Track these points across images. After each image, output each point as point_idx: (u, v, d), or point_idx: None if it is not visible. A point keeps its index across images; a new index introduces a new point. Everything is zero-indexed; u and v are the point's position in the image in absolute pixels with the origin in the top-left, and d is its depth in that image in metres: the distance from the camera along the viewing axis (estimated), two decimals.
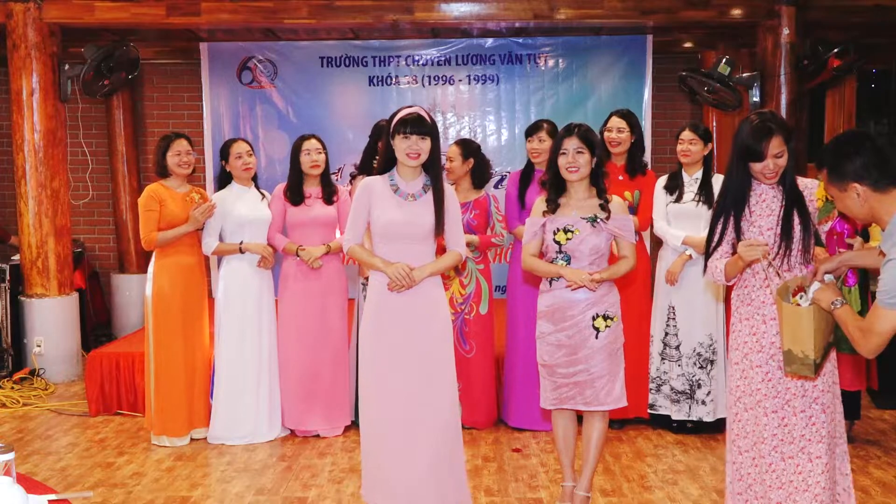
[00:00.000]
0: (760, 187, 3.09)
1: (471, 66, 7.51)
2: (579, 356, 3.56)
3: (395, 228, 3.46)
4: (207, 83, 7.54)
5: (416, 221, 3.46)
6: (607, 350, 3.57)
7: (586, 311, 3.55)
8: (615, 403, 3.62)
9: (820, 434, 3.01)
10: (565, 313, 3.57)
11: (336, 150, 6.63)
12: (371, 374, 3.52)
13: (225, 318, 4.83)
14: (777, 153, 3.02)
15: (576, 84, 7.45)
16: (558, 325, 3.59)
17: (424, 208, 3.48)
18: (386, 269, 3.43)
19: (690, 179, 4.84)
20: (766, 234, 3.06)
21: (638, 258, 4.82)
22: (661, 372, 4.89)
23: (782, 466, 3.03)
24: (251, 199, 4.87)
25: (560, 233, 3.56)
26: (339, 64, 7.49)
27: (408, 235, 3.46)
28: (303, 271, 4.85)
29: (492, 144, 7.55)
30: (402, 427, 3.43)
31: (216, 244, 4.81)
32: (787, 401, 3.04)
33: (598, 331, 3.55)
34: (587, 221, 3.56)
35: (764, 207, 3.09)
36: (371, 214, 3.50)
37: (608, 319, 3.56)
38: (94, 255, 8.28)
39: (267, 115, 7.57)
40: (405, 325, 3.47)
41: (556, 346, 3.60)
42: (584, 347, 3.55)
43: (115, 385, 5.45)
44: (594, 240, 3.55)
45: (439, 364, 3.50)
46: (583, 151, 3.54)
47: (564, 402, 3.64)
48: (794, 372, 2.88)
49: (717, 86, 6.37)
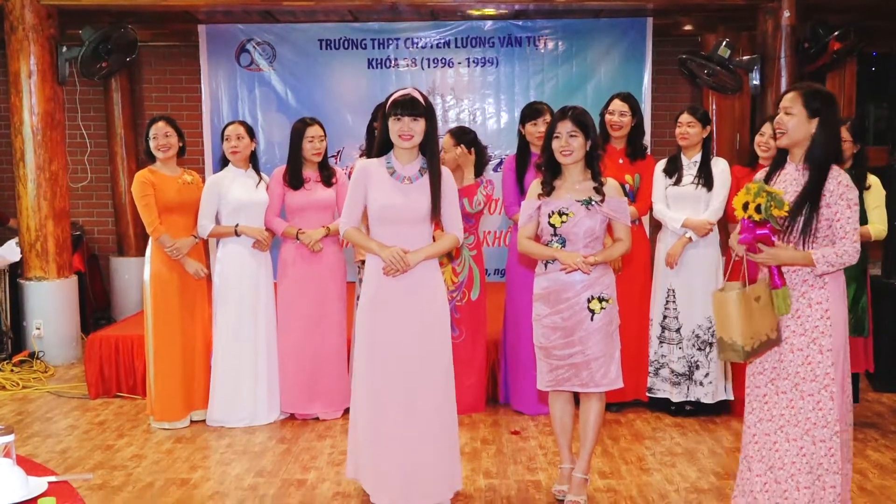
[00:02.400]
0: (790, 164, 3.22)
1: (470, 49, 7.48)
2: (575, 338, 3.57)
3: (391, 212, 3.47)
4: (206, 66, 7.49)
5: (412, 205, 3.47)
6: (603, 332, 3.57)
7: (581, 293, 3.56)
8: (611, 385, 3.62)
9: (826, 419, 3.08)
10: (560, 296, 3.58)
11: (335, 133, 6.60)
12: (365, 356, 3.54)
13: (222, 302, 4.82)
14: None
15: (575, 67, 7.41)
16: (554, 307, 3.59)
17: (421, 191, 3.49)
18: (381, 252, 3.44)
19: (689, 163, 4.83)
20: None
21: (637, 241, 4.87)
22: (660, 355, 4.90)
23: (786, 447, 3.14)
24: (247, 183, 4.85)
25: (555, 215, 3.56)
26: (338, 46, 7.45)
27: (404, 218, 3.48)
28: (302, 255, 4.84)
29: (491, 128, 7.52)
30: (396, 410, 3.46)
31: (212, 226, 4.79)
32: (795, 384, 3.11)
33: (594, 313, 3.56)
34: (582, 204, 3.56)
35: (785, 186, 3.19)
36: (367, 197, 3.51)
37: (603, 301, 3.57)
38: (92, 238, 8.27)
39: (265, 98, 7.53)
40: (401, 308, 3.48)
41: (552, 329, 3.60)
42: (580, 329, 3.56)
43: (114, 368, 5.46)
44: (589, 222, 3.55)
45: (435, 348, 3.53)
46: (576, 135, 3.53)
47: (561, 384, 3.65)
48: (726, 359, 3.04)
49: (717, 69, 6.34)
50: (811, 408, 3.10)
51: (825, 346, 3.10)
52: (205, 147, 7.57)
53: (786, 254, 3.08)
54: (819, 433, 3.10)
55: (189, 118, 7.59)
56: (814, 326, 3.11)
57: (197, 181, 4.90)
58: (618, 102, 4.90)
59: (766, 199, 3.00)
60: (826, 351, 3.09)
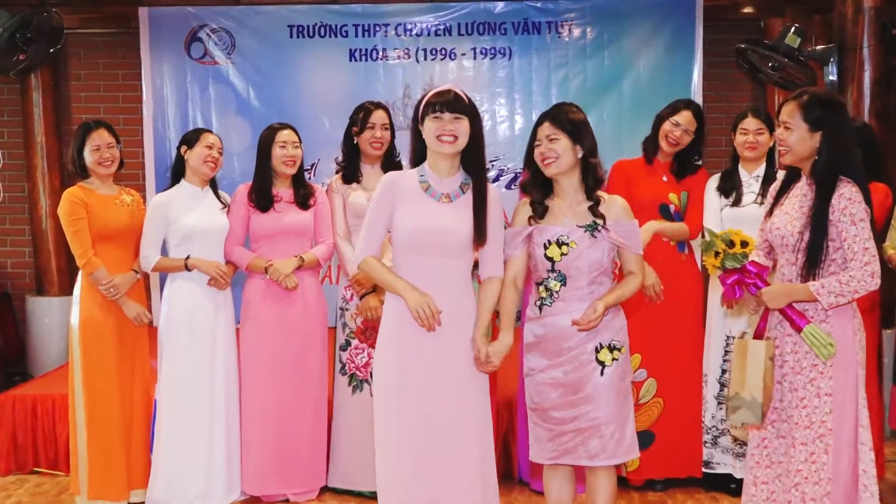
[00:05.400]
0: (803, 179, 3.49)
1: (477, 37, 7.53)
2: (580, 397, 3.55)
3: (423, 237, 3.45)
4: (148, 58, 7.54)
5: (450, 229, 3.45)
6: (615, 389, 3.56)
7: (587, 341, 3.55)
8: (626, 455, 3.62)
9: (818, 476, 3.28)
10: (560, 344, 3.57)
11: (309, 142, 6.51)
12: (390, 413, 3.51)
13: (169, 353, 4.80)
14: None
15: (608, 59, 7.46)
16: (553, 359, 3.59)
17: (462, 212, 3.47)
18: (406, 296, 3.41)
19: (750, 178, 4.84)
20: (774, 232, 3.50)
21: (688, 277, 4.88)
22: (720, 420, 4.88)
23: (783, 499, 3.37)
24: (205, 205, 4.85)
25: (552, 246, 3.54)
26: (313, 34, 7.51)
27: (439, 247, 3.46)
28: (272, 294, 4.84)
29: (503, 134, 7.57)
30: (428, 481, 3.46)
31: (157, 259, 4.79)
32: (790, 429, 3.38)
33: (604, 365, 3.55)
34: (585, 231, 3.54)
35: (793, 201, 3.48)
36: (393, 217, 3.49)
37: (615, 351, 3.57)
38: (4, 274, 8.26)
39: (222, 98, 7.58)
40: (432, 354, 3.47)
41: (551, 385, 3.60)
42: (587, 386, 3.54)
43: (30, 436, 5.44)
44: (594, 253, 3.54)
45: (474, 404, 3.54)
46: (557, 137, 3.52)
47: (564, 456, 3.62)
48: (739, 421, 3.32)
49: (785, 61, 6.38)
50: (803, 459, 3.28)
51: (823, 388, 3.27)
52: (146, 159, 7.59)
53: (780, 291, 3.37)
54: (810, 490, 3.25)
55: (127, 123, 7.63)
56: (812, 365, 3.30)
57: (138, 202, 4.90)
58: (687, 115, 4.84)
59: (717, 245, 3.47)
60: (824, 395, 3.26)
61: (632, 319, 3.90)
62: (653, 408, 4.89)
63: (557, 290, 3.57)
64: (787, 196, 3.51)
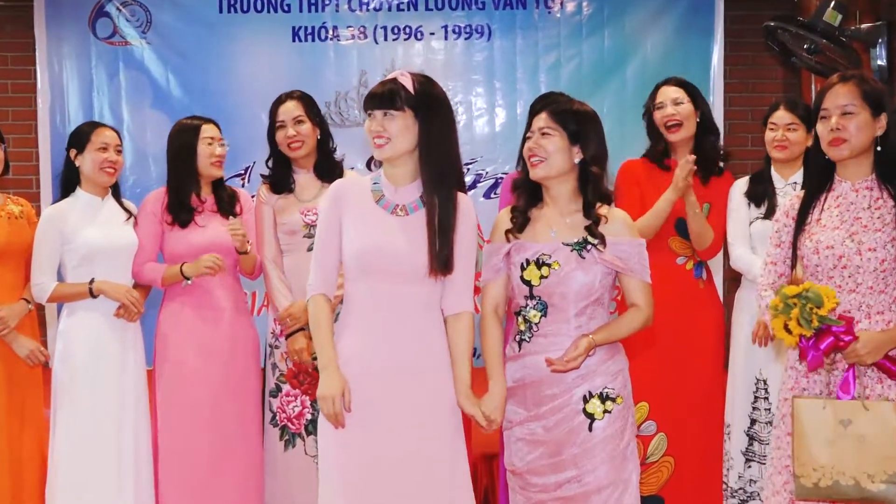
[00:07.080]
0: (841, 185, 3.48)
1: (448, 12, 7.55)
2: (565, 457, 3.52)
3: (371, 259, 3.41)
4: (44, 37, 7.53)
5: (401, 250, 3.41)
6: (609, 447, 3.53)
7: (574, 387, 3.51)
8: None
9: None
10: (541, 392, 3.54)
11: (243, 140, 6.61)
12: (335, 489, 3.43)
13: (66, 399, 4.75)
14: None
15: (608, 39, 7.51)
16: (531, 409, 3.57)
17: (419, 230, 3.43)
18: (321, 379, 3.37)
19: (786, 185, 4.87)
20: (824, 252, 3.44)
21: (707, 309, 4.86)
22: (747, 480, 4.88)
23: None
24: (108, 217, 4.82)
25: (531, 267, 3.51)
26: (248, 8, 7.51)
27: (390, 271, 3.41)
28: (193, 324, 4.81)
29: (480, 131, 7.57)
30: None
31: (54, 285, 4.73)
32: None
33: (593, 419, 3.50)
34: (573, 249, 3.50)
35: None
36: (343, 235, 3.45)
37: (608, 401, 3.52)
38: None
39: (135, 86, 7.56)
40: (390, 411, 3.41)
41: (531, 443, 3.58)
42: (572, 444, 3.51)
43: None
44: (583, 277, 3.49)
45: (445, 468, 3.47)
46: (551, 133, 3.50)
47: None
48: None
49: (823, 42, 6.41)
50: None
51: None
52: (40, 162, 7.55)
53: (880, 341, 3.28)
54: None
55: (16, 117, 7.64)
56: None
57: (29, 214, 4.88)
58: (667, 89, 4.88)
59: (801, 306, 3.23)
60: None
61: (638, 360, 3.87)
62: (662, 468, 4.87)
63: (537, 322, 3.54)
64: (817, 207, 3.50)
